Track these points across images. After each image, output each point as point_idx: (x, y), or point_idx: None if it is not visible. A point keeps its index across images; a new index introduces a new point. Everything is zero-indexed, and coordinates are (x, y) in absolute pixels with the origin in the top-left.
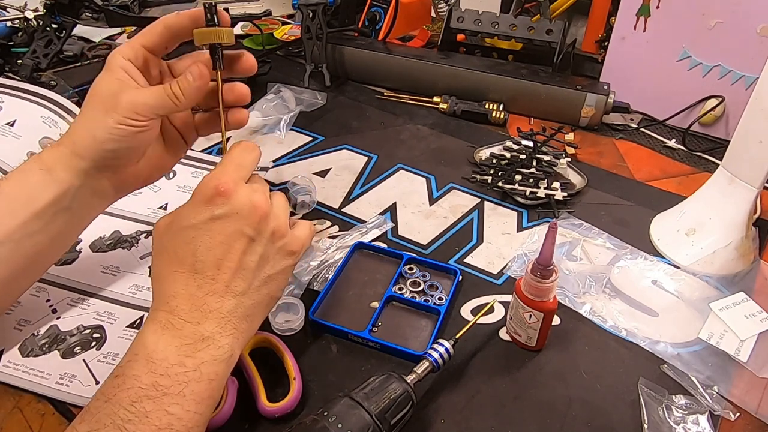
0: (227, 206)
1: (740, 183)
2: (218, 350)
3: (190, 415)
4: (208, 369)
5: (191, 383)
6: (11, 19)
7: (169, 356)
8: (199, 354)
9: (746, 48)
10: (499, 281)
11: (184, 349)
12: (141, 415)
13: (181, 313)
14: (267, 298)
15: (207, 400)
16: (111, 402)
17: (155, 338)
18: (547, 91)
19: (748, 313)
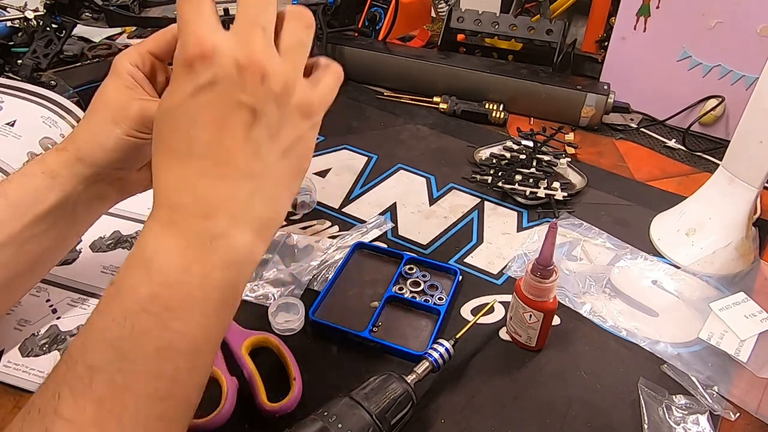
0: (210, 71)
1: (740, 183)
2: (232, 251)
3: (198, 332)
4: (219, 275)
5: (198, 294)
6: (11, 19)
7: (171, 262)
8: (209, 258)
9: (746, 48)
10: (499, 281)
11: (190, 253)
12: (137, 332)
13: (184, 207)
14: (290, 175)
15: (219, 313)
16: (102, 315)
17: (155, 242)
18: (547, 91)
19: (748, 313)
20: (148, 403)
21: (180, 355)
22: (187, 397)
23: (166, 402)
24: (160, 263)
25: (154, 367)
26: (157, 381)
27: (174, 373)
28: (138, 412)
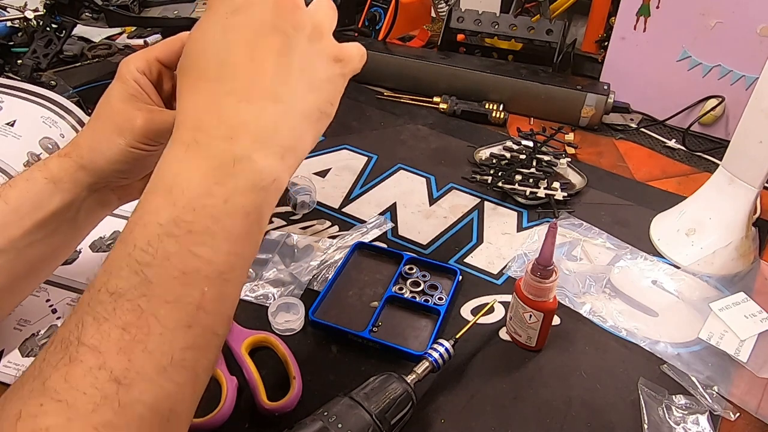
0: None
1: (740, 183)
2: (256, 174)
3: (223, 258)
4: (243, 200)
5: (222, 218)
6: (11, 19)
7: (193, 185)
8: (231, 180)
9: (746, 48)
10: (499, 281)
11: (213, 175)
12: (161, 257)
13: (207, 128)
14: (316, 114)
15: (244, 240)
16: (125, 242)
17: (176, 164)
18: (547, 91)
19: (748, 313)
20: (174, 331)
21: (205, 282)
22: (213, 327)
23: (193, 330)
24: (182, 186)
25: (179, 293)
26: (183, 308)
27: (200, 300)
28: (163, 339)
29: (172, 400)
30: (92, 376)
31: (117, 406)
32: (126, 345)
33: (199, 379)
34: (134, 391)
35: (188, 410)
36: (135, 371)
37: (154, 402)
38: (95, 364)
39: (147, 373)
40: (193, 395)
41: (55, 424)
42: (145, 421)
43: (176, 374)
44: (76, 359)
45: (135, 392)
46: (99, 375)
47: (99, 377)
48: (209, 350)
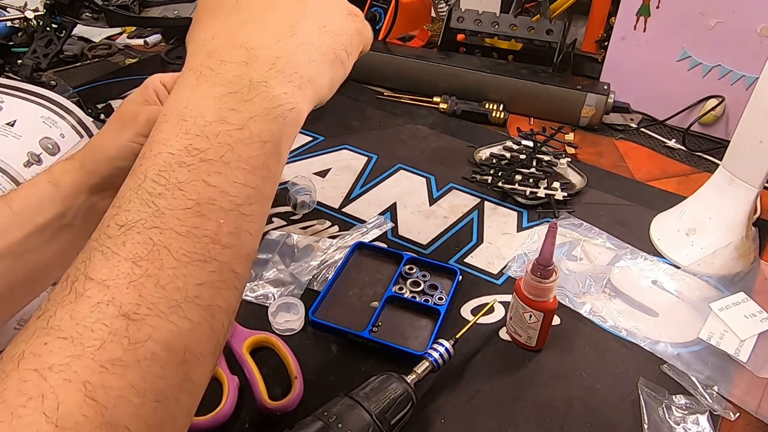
0: None
1: (740, 183)
2: (272, 101)
3: (238, 188)
4: (259, 127)
5: (237, 145)
6: (11, 19)
7: (206, 111)
8: (247, 106)
9: (746, 48)
10: (499, 281)
11: (227, 100)
12: (172, 187)
13: (221, 53)
14: (331, 53)
15: (261, 171)
16: (135, 174)
17: (188, 91)
18: (547, 91)
19: (748, 313)
20: (188, 266)
21: (220, 214)
22: (231, 263)
23: (208, 265)
24: (195, 113)
25: (192, 224)
26: (197, 241)
27: (215, 234)
28: (177, 273)
29: (187, 339)
30: (99, 312)
31: (126, 343)
32: (136, 279)
33: (216, 320)
34: (145, 327)
35: (205, 353)
36: (146, 307)
37: (167, 340)
38: (103, 299)
39: (159, 309)
40: (211, 337)
41: (59, 362)
42: (158, 359)
43: (191, 311)
44: (83, 295)
45: (146, 329)
46: (107, 310)
47: (107, 312)
48: (227, 289)
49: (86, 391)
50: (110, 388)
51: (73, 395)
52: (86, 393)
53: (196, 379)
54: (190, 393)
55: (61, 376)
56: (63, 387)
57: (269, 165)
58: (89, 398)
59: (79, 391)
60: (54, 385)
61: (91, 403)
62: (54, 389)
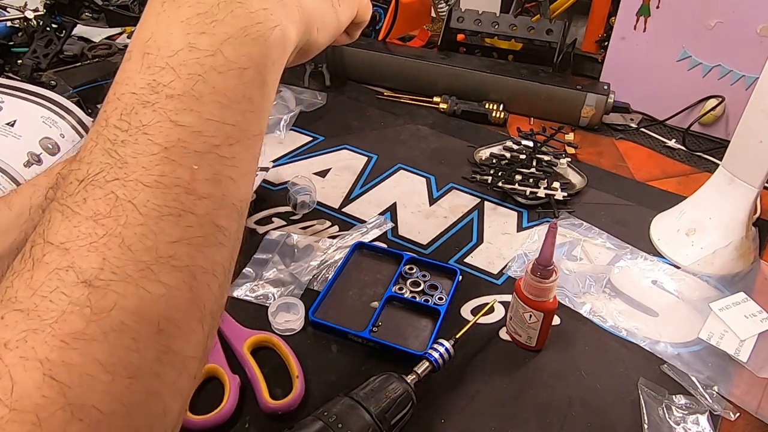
0: None
1: (740, 183)
2: (250, 18)
3: (214, 127)
4: (235, 51)
5: (209, 75)
6: (11, 19)
7: (171, 40)
8: (219, 26)
9: (746, 48)
10: (499, 281)
11: (195, 23)
12: (135, 131)
13: None
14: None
15: (240, 103)
16: (97, 122)
17: (153, 20)
18: (547, 91)
19: (748, 313)
20: (159, 221)
21: (194, 158)
22: (212, 217)
23: (183, 219)
24: (159, 43)
25: (160, 173)
26: (167, 192)
27: (189, 182)
28: (145, 231)
29: (162, 306)
30: (58, 279)
31: (89, 314)
32: (98, 240)
33: (198, 282)
34: (110, 295)
35: (188, 320)
36: (110, 271)
37: (137, 308)
38: (62, 265)
39: (125, 273)
40: (193, 302)
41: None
42: (127, 330)
43: (165, 274)
44: (41, 261)
45: (111, 296)
46: (66, 277)
47: (66, 280)
48: (210, 246)
49: (45, 369)
50: (72, 365)
51: (30, 374)
52: (45, 371)
53: (181, 351)
54: (175, 367)
55: (17, 353)
56: (19, 366)
57: (251, 97)
58: (49, 377)
59: (36, 369)
60: (9, 364)
61: (52, 383)
62: (9, 368)
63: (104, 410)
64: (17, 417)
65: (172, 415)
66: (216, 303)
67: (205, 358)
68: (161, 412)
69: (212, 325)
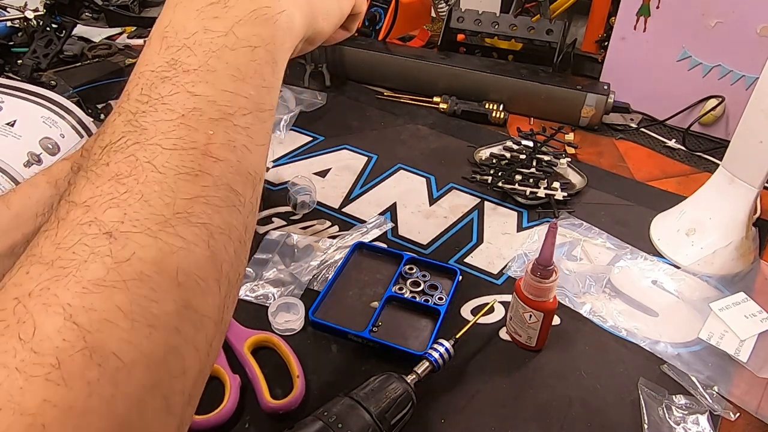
0: None
1: (740, 183)
2: (258, 2)
3: (228, 97)
4: (246, 30)
5: (222, 52)
6: (11, 19)
7: (187, 24)
8: (230, 11)
9: (746, 48)
10: (499, 281)
11: (209, 10)
12: (155, 102)
13: None
14: None
15: (253, 78)
16: (120, 98)
17: (170, 12)
18: (547, 91)
19: (748, 313)
20: (177, 179)
21: (209, 125)
22: (227, 179)
23: (200, 179)
24: (177, 28)
25: (178, 136)
26: (185, 154)
27: (205, 146)
28: (164, 188)
29: (180, 259)
30: (81, 233)
31: (110, 262)
32: (119, 197)
33: (215, 241)
34: (131, 245)
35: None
36: (130, 223)
37: (157, 259)
38: (84, 220)
39: (145, 225)
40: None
41: (38, 286)
42: (147, 280)
43: (183, 229)
44: (65, 219)
45: (131, 246)
46: (88, 230)
47: (88, 233)
48: (226, 208)
49: (66, 314)
50: (93, 311)
51: (51, 319)
52: (66, 316)
53: (200, 309)
54: (194, 324)
55: (40, 300)
56: (41, 311)
57: (263, 73)
58: (69, 321)
59: (58, 314)
60: (32, 310)
61: (72, 327)
62: (32, 314)
63: (123, 358)
64: (38, 360)
65: (190, 376)
66: (233, 268)
67: (222, 330)
68: (180, 370)
69: (229, 290)
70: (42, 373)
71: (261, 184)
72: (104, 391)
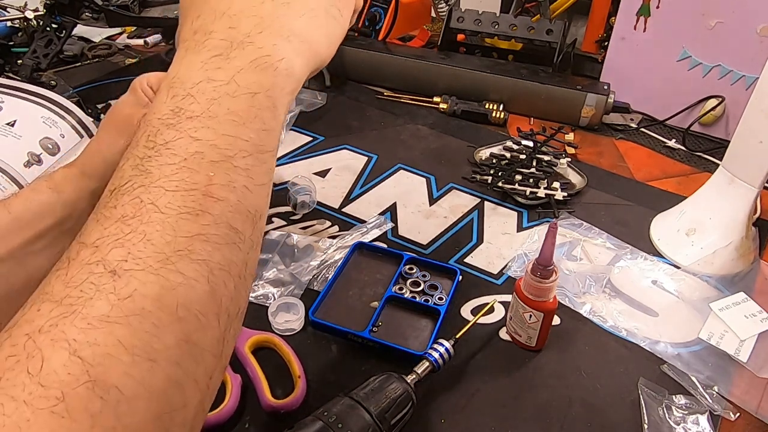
0: None
1: (740, 183)
2: (259, 52)
3: (229, 141)
4: (246, 79)
5: (223, 99)
6: (11, 19)
7: (192, 75)
8: (232, 62)
9: (746, 48)
10: (499, 281)
11: (212, 62)
12: (159, 148)
13: (205, 26)
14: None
15: (253, 122)
16: (130, 145)
17: (177, 65)
18: (547, 91)
19: (748, 313)
20: (178, 219)
21: (210, 167)
22: (228, 218)
23: (201, 218)
24: (182, 79)
25: (180, 179)
26: (187, 195)
27: (206, 187)
28: (165, 227)
29: (181, 295)
30: (88, 271)
31: (114, 299)
32: (124, 237)
33: (215, 277)
34: (133, 282)
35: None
36: (133, 262)
37: (158, 295)
38: (92, 260)
39: (147, 262)
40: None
41: (47, 323)
42: (149, 315)
43: (183, 265)
44: (75, 259)
45: (134, 283)
46: (95, 269)
47: (95, 271)
48: (226, 245)
49: (71, 348)
50: (96, 345)
51: (58, 353)
52: (71, 351)
53: (200, 343)
54: (195, 358)
55: (49, 336)
56: (49, 346)
57: (263, 117)
58: (74, 356)
59: (64, 349)
60: (41, 346)
61: (77, 361)
62: (41, 350)
63: (125, 391)
64: (44, 393)
65: (191, 408)
66: (233, 302)
67: (222, 363)
68: (181, 402)
69: (229, 324)
70: (47, 406)
71: (263, 221)
72: (106, 423)
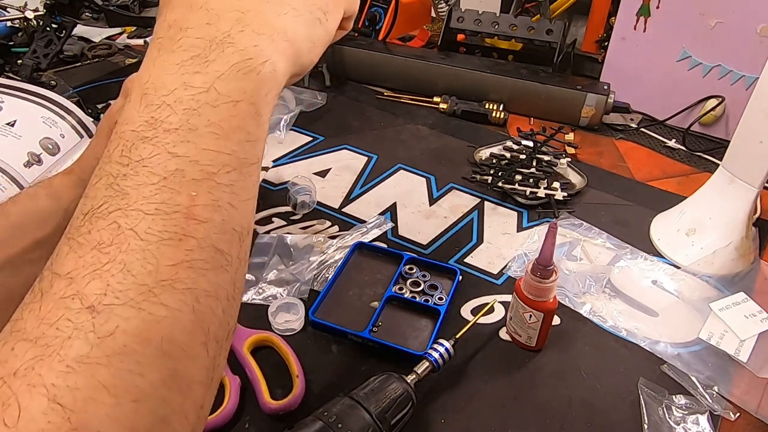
0: None
1: (740, 183)
2: (241, 54)
3: (210, 156)
4: (227, 86)
5: (203, 110)
6: (11, 19)
7: (167, 80)
8: (212, 66)
9: (746, 48)
10: (499, 281)
11: (189, 64)
12: (135, 165)
13: (182, 20)
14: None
15: (236, 133)
16: (102, 160)
17: (150, 66)
18: (547, 91)
19: (748, 313)
20: (160, 246)
21: (192, 186)
22: (210, 240)
23: (184, 243)
24: (156, 84)
25: (160, 200)
26: (168, 218)
27: (188, 208)
28: (146, 256)
29: (165, 329)
30: (63, 307)
31: (94, 338)
32: (101, 267)
33: (201, 305)
34: (113, 318)
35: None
36: (113, 295)
37: (140, 330)
38: (67, 294)
39: (128, 296)
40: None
41: (23, 366)
42: (131, 353)
43: (167, 297)
44: (48, 292)
45: (114, 320)
46: (71, 304)
47: (71, 307)
48: (212, 270)
49: (50, 394)
50: (77, 389)
51: (36, 400)
52: (50, 397)
53: (188, 375)
54: (182, 392)
55: (25, 381)
56: (26, 393)
57: (246, 127)
58: (54, 402)
59: (42, 395)
60: (17, 392)
61: (56, 408)
62: (17, 396)
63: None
64: None
65: None
66: (221, 327)
67: (213, 388)
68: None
69: (217, 351)
70: None
71: (249, 237)
72: None
